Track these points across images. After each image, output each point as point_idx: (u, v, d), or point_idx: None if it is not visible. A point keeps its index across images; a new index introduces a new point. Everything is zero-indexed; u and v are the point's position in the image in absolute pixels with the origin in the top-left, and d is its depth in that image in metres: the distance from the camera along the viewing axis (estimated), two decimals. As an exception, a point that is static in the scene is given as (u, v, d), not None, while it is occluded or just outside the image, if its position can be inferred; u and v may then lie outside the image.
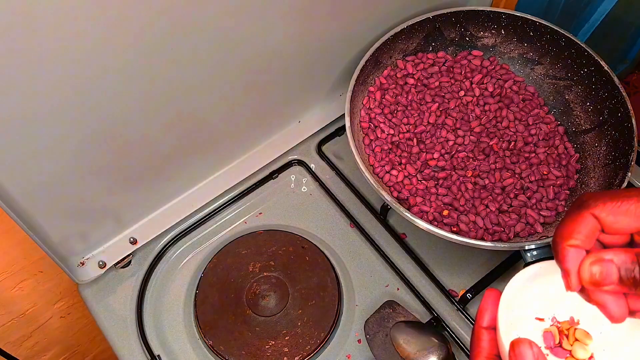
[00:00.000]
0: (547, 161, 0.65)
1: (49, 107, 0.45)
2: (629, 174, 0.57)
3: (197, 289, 0.64)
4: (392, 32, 0.67)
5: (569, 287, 0.32)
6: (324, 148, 0.74)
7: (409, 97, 0.68)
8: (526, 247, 0.56)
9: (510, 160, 0.64)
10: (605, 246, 0.33)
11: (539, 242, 0.55)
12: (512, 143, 0.65)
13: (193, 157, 0.64)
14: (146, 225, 0.65)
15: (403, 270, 0.65)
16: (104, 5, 0.42)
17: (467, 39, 0.71)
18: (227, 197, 0.70)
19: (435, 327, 0.60)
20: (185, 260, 0.67)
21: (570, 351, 0.35)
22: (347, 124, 0.61)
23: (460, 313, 0.62)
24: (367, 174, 0.58)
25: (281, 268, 0.65)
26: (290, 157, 0.73)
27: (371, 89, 0.68)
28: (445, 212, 0.61)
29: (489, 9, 0.68)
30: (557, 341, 0.35)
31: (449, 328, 0.61)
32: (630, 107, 0.61)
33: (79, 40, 0.42)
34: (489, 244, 0.54)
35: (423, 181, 0.63)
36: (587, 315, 0.36)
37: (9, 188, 0.49)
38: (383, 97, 0.68)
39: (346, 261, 0.66)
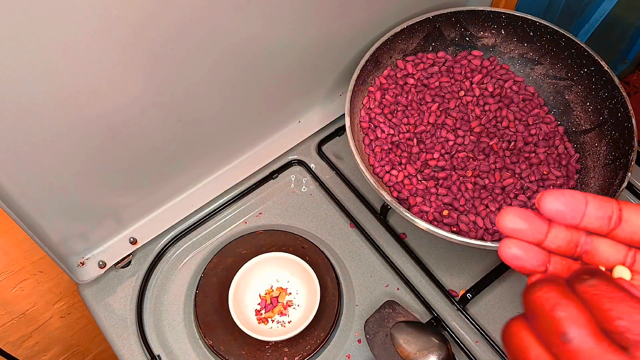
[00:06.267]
0: (547, 161, 0.65)
1: (49, 107, 0.45)
2: (629, 174, 0.57)
3: (197, 289, 0.64)
4: (392, 32, 0.67)
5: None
6: (324, 148, 0.74)
7: (409, 97, 0.68)
8: (526, 247, 0.56)
9: (510, 160, 0.64)
10: None
11: (539, 242, 0.55)
12: (512, 143, 0.65)
13: (193, 157, 0.64)
14: (146, 225, 0.65)
15: (403, 270, 0.65)
16: (106, 5, 0.42)
17: (467, 39, 0.71)
18: (227, 197, 0.70)
19: (435, 327, 0.60)
20: (185, 260, 0.67)
21: None
22: (347, 124, 0.61)
23: (460, 313, 0.62)
24: (367, 174, 0.58)
25: (281, 268, 0.65)
26: (290, 157, 0.73)
27: (371, 89, 0.68)
28: (445, 212, 0.61)
29: (489, 9, 0.68)
30: None
31: (449, 328, 0.61)
32: (630, 107, 0.61)
33: (78, 39, 0.42)
34: (489, 244, 0.54)
35: (423, 181, 0.63)
36: None
37: (9, 188, 0.49)
38: (383, 97, 0.68)
39: (346, 261, 0.66)
